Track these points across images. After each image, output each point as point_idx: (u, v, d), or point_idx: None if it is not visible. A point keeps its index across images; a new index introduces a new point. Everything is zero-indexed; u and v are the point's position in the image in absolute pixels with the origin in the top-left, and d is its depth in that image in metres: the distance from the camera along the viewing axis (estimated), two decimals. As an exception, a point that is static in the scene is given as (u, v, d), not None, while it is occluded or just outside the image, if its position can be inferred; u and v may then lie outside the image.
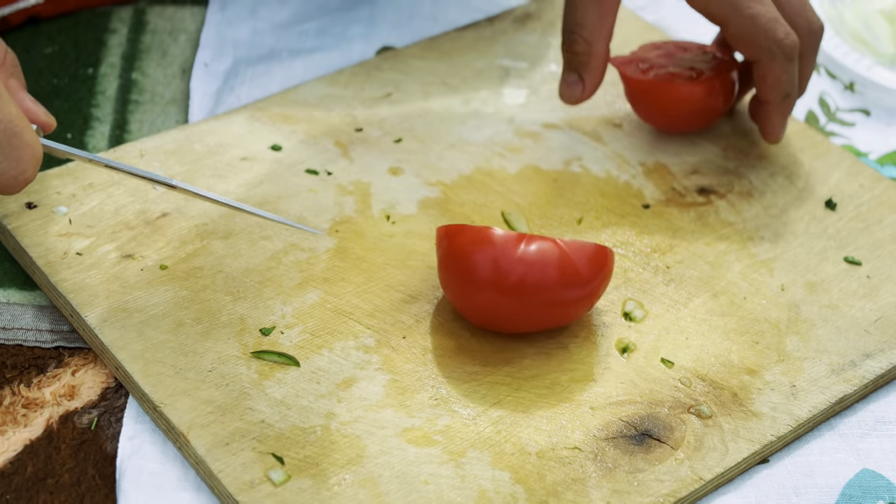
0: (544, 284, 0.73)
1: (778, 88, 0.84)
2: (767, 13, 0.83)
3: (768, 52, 0.83)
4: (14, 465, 0.70)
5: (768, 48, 0.83)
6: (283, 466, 0.68)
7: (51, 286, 0.76)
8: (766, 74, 0.84)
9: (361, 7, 1.03)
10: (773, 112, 0.86)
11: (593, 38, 0.84)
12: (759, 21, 0.82)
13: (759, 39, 0.83)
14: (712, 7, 0.84)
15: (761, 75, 0.85)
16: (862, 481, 0.72)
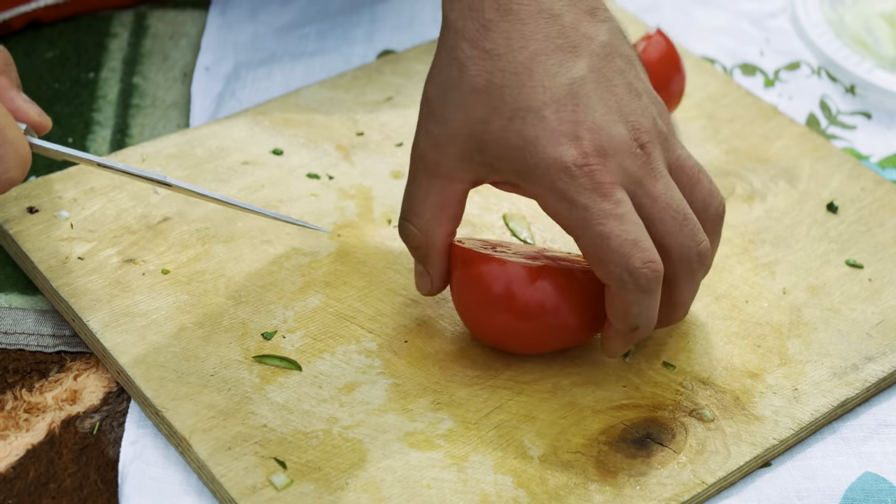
0: (561, 316, 0.72)
1: (625, 319, 0.69)
2: (624, 234, 0.67)
3: (618, 280, 0.67)
4: (16, 470, 0.70)
5: (619, 276, 0.67)
6: (285, 471, 0.68)
7: (52, 291, 0.76)
8: (613, 301, 0.69)
9: (362, 11, 1.03)
10: (615, 337, 0.71)
11: (429, 229, 0.72)
12: (610, 242, 0.67)
13: (608, 263, 0.67)
14: (560, 218, 0.68)
15: (610, 300, 0.69)
16: (864, 485, 0.72)
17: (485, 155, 0.69)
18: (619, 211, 0.67)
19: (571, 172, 0.67)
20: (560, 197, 0.67)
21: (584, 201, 0.67)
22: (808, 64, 1.03)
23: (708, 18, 1.07)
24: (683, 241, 0.70)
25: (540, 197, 0.69)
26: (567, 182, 0.67)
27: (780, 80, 1.01)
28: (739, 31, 1.06)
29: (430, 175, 0.71)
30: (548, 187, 0.68)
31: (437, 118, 0.70)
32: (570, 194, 0.67)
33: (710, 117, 0.94)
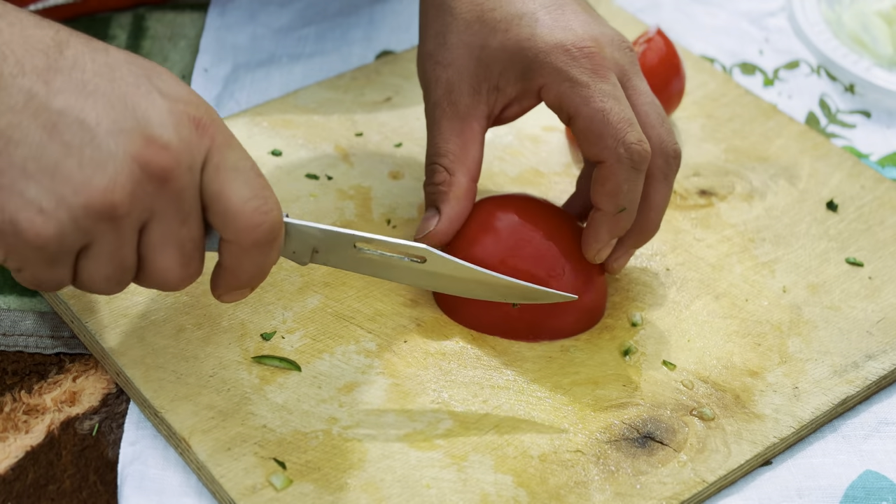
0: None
1: (615, 197, 0.73)
2: (621, 112, 0.72)
3: (614, 153, 0.72)
4: (15, 472, 0.70)
5: (614, 149, 0.72)
6: (284, 471, 0.68)
7: (51, 293, 0.76)
8: (606, 179, 0.73)
9: (361, 12, 1.03)
10: (602, 223, 0.74)
11: (455, 168, 0.76)
12: (609, 117, 0.72)
13: (607, 137, 0.72)
14: (563, 98, 0.73)
15: (601, 179, 0.73)
16: (865, 483, 0.72)
17: (490, 79, 0.75)
18: (616, 93, 0.73)
19: (572, 53, 0.73)
20: (563, 77, 0.73)
21: (584, 79, 0.73)
22: (808, 63, 1.03)
23: (707, 18, 1.07)
24: (663, 135, 0.75)
25: (544, 87, 0.74)
26: (568, 62, 0.73)
27: (779, 79, 1.01)
28: (739, 30, 1.06)
29: (450, 118, 0.76)
30: (550, 71, 0.73)
31: (443, 64, 0.76)
32: (571, 73, 0.73)
33: (709, 116, 0.94)
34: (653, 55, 0.90)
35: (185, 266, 0.65)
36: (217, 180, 0.63)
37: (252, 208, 0.64)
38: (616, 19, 1.02)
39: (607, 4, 1.04)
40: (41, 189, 0.60)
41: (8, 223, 0.60)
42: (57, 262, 0.62)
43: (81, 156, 0.60)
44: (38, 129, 0.60)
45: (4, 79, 0.60)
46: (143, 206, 0.62)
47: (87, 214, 0.60)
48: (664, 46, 0.91)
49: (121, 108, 0.61)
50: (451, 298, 0.77)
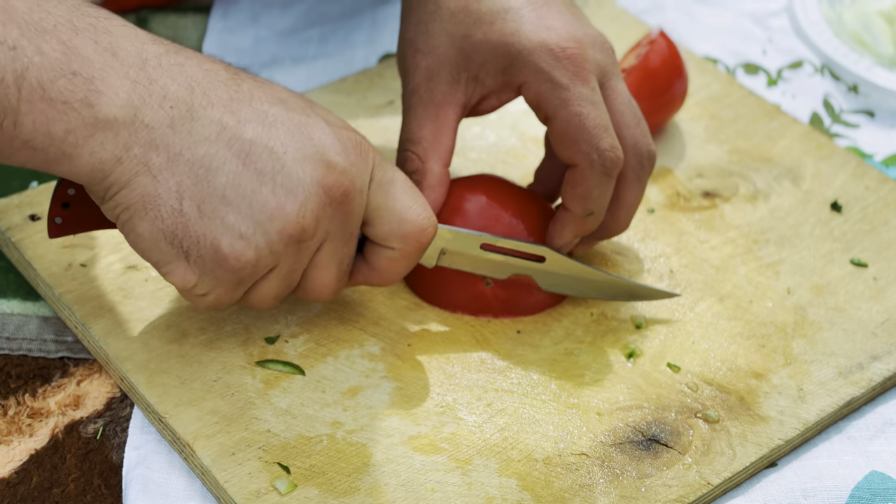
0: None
1: (584, 200, 0.75)
2: (597, 117, 0.73)
3: (587, 158, 0.73)
4: (20, 475, 0.70)
5: (588, 154, 0.73)
6: (289, 476, 0.68)
7: (55, 298, 0.76)
8: (577, 182, 0.74)
9: (363, 14, 1.03)
10: (568, 222, 0.76)
11: (427, 156, 0.76)
12: (585, 122, 0.73)
13: (581, 142, 0.73)
14: (542, 98, 0.74)
15: (572, 181, 0.74)
16: (871, 483, 0.72)
17: (471, 69, 0.75)
18: (595, 98, 0.74)
19: (555, 54, 0.73)
20: (544, 78, 0.74)
21: (565, 82, 0.73)
22: (811, 63, 1.02)
23: (710, 18, 1.07)
24: (638, 136, 0.76)
25: (524, 84, 0.74)
26: (550, 63, 0.73)
27: (782, 80, 1.01)
28: (742, 30, 1.05)
29: (425, 104, 0.76)
30: (532, 70, 0.74)
31: (424, 51, 0.76)
32: (553, 75, 0.73)
33: (712, 117, 0.94)
34: (656, 57, 0.90)
35: (340, 281, 0.70)
36: (381, 193, 0.69)
37: (416, 214, 0.69)
38: (619, 21, 1.02)
39: (610, 6, 1.04)
40: (240, 216, 0.64)
41: (210, 249, 0.64)
42: (242, 285, 0.67)
43: (274, 183, 0.65)
44: (234, 158, 0.64)
45: (196, 111, 0.64)
46: (323, 229, 0.67)
47: (281, 239, 0.65)
48: (667, 48, 0.90)
49: (300, 136, 0.66)
50: (424, 280, 0.77)
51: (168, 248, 0.65)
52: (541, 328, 0.78)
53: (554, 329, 0.78)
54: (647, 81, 0.89)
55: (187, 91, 0.64)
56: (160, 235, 0.64)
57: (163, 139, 0.63)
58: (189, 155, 0.64)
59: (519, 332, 0.77)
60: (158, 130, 0.63)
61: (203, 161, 0.64)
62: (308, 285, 0.69)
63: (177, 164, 0.64)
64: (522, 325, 0.78)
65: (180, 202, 0.64)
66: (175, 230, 0.64)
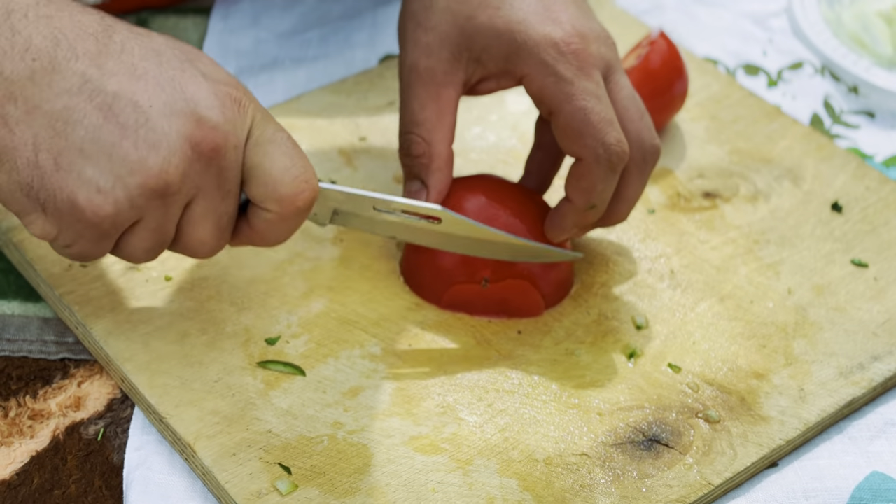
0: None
1: (588, 194, 0.74)
2: (602, 112, 0.73)
3: (593, 153, 0.73)
4: (20, 477, 0.70)
5: (594, 148, 0.73)
6: (290, 476, 0.68)
7: (56, 299, 0.76)
8: (582, 175, 0.74)
9: (364, 15, 1.03)
10: (570, 214, 0.76)
11: (432, 138, 0.76)
12: (590, 116, 0.73)
13: (587, 136, 0.73)
14: (546, 92, 0.74)
15: (577, 175, 0.74)
16: (872, 484, 0.72)
17: (473, 49, 0.75)
18: (599, 92, 0.74)
19: (559, 48, 0.73)
20: (548, 72, 0.73)
21: (569, 76, 0.73)
22: (811, 64, 1.02)
23: (710, 19, 1.07)
24: (642, 131, 0.75)
25: (527, 76, 0.74)
26: (555, 57, 0.73)
27: (783, 80, 1.01)
28: (742, 31, 1.06)
29: (426, 83, 0.75)
30: (536, 63, 0.74)
31: (425, 27, 0.76)
32: (557, 69, 0.73)
33: (713, 118, 0.94)
34: (656, 57, 0.90)
35: (220, 238, 0.68)
36: (258, 153, 0.67)
37: (292, 176, 0.67)
38: (619, 21, 1.02)
39: (611, 7, 1.04)
40: (98, 169, 0.63)
41: (66, 202, 0.63)
42: (106, 238, 0.65)
43: (136, 136, 0.63)
44: (95, 110, 0.63)
45: (59, 62, 0.63)
46: (192, 184, 0.65)
47: (142, 193, 0.64)
48: (667, 49, 0.90)
49: (170, 90, 0.64)
50: (420, 277, 0.78)
51: (25, 200, 0.64)
52: (541, 328, 0.78)
53: (555, 329, 0.78)
54: (648, 82, 0.89)
55: (52, 43, 0.63)
56: (16, 187, 0.64)
57: (21, 91, 0.63)
58: (48, 107, 0.63)
59: (520, 332, 0.77)
60: (18, 83, 0.62)
61: (62, 114, 0.63)
62: (184, 241, 0.68)
63: (34, 117, 0.63)
64: (523, 326, 0.78)
65: (36, 154, 0.63)
66: (31, 182, 0.63)
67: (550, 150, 0.80)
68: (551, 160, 0.81)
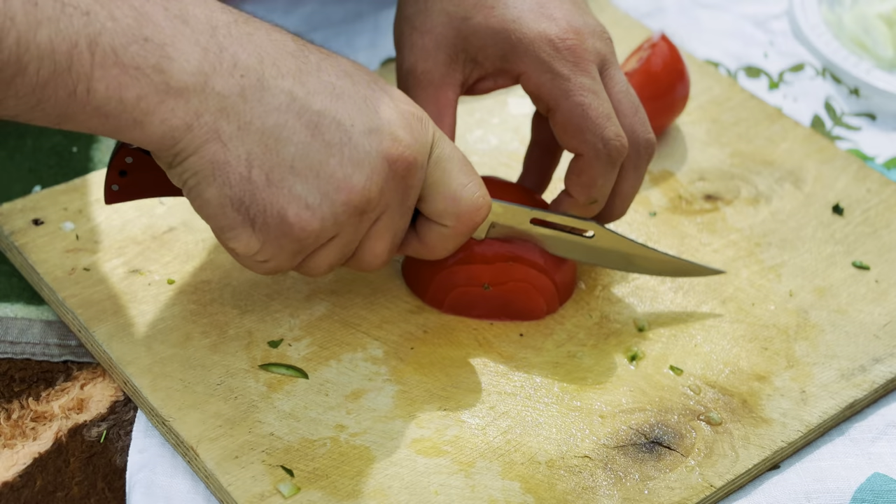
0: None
1: (589, 189, 0.75)
2: (600, 107, 0.73)
3: (592, 148, 0.74)
4: (23, 479, 0.70)
5: (593, 144, 0.73)
6: (292, 479, 0.68)
7: (59, 302, 0.76)
8: (582, 171, 0.75)
9: (366, 19, 1.04)
10: (570, 208, 0.77)
11: None
12: (588, 112, 0.73)
13: (586, 132, 0.73)
14: (543, 89, 0.74)
15: (577, 170, 0.75)
16: (873, 485, 0.72)
17: (469, 50, 0.75)
18: (596, 87, 0.74)
19: (555, 45, 0.74)
20: (544, 69, 0.74)
21: (566, 72, 0.74)
22: (813, 66, 1.03)
23: (711, 22, 1.07)
24: (636, 126, 0.76)
25: (524, 74, 0.75)
26: (551, 54, 0.74)
27: (784, 83, 1.01)
28: (743, 33, 1.06)
29: (424, 86, 0.76)
30: (532, 60, 0.74)
31: (421, 30, 0.76)
32: (553, 66, 0.74)
33: (714, 121, 0.94)
34: (657, 60, 0.90)
35: (392, 252, 0.71)
36: (438, 170, 0.69)
37: (470, 193, 0.70)
38: (620, 24, 1.02)
39: (612, 10, 1.04)
40: (307, 186, 0.65)
41: (276, 217, 0.65)
42: (303, 253, 0.67)
43: (342, 155, 0.65)
44: (303, 128, 0.65)
45: (266, 80, 0.64)
46: (385, 202, 0.67)
47: (346, 210, 0.66)
48: (668, 51, 0.91)
49: (366, 109, 0.66)
50: (423, 281, 0.78)
51: (234, 215, 0.65)
52: (543, 331, 0.78)
53: (556, 332, 0.78)
54: (649, 85, 0.89)
55: (257, 60, 0.64)
56: (227, 202, 0.65)
57: (233, 107, 0.64)
58: (259, 124, 0.64)
59: (521, 335, 0.77)
60: (229, 99, 0.64)
61: (273, 131, 0.64)
62: (361, 255, 0.70)
63: (247, 133, 0.64)
64: (525, 328, 0.78)
65: (249, 170, 0.64)
66: (242, 197, 0.65)
67: (548, 146, 0.80)
68: (549, 156, 0.81)
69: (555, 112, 0.74)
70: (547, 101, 0.74)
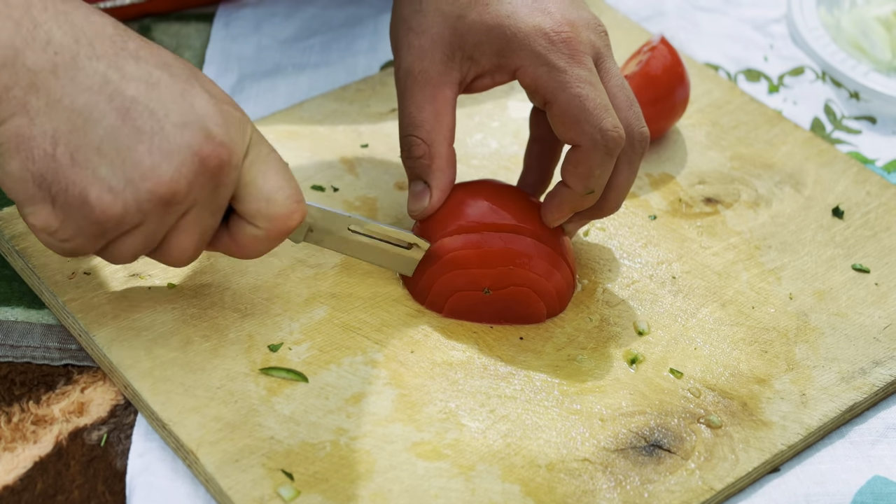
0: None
1: (586, 180, 0.75)
2: (597, 98, 0.73)
3: (590, 139, 0.73)
4: (24, 482, 0.70)
5: (591, 135, 0.73)
6: (292, 482, 0.68)
7: (59, 306, 0.77)
8: (579, 162, 0.74)
9: (366, 22, 1.04)
10: (567, 199, 0.76)
11: (432, 139, 0.76)
12: (586, 103, 0.73)
13: (583, 123, 0.73)
14: (540, 82, 0.74)
15: (574, 161, 0.75)
16: (873, 488, 0.72)
17: (465, 48, 0.76)
18: (592, 78, 0.74)
19: (550, 38, 0.74)
20: (540, 62, 0.74)
21: (562, 65, 0.74)
22: (812, 69, 1.03)
23: (711, 25, 1.07)
24: (630, 119, 0.76)
25: (520, 69, 0.75)
26: (546, 47, 0.74)
27: (784, 86, 1.01)
28: (743, 37, 1.06)
29: (422, 86, 0.76)
30: (528, 54, 0.74)
31: (417, 30, 0.76)
32: (549, 58, 0.74)
33: (714, 124, 0.94)
34: (657, 63, 0.90)
35: (199, 248, 0.70)
36: (253, 171, 0.68)
37: (285, 196, 0.69)
38: (620, 28, 1.02)
39: (612, 13, 1.04)
40: (112, 169, 0.64)
41: (77, 197, 0.64)
42: (104, 237, 0.66)
43: (151, 143, 0.65)
44: (114, 112, 0.64)
45: (80, 60, 0.64)
46: (193, 196, 0.66)
47: (150, 199, 0.65)
48: (668, 55, 0.91)
49: (181, 102, 0.66)
50: (423, 285, 0.78)
51: (35, 190, 0.65)
52: (543, 334, 0.78)
53: (556, 335, 0.78)
54: (649, 88, 0.89)
55: (73, 40, 0.64)
56: (29, 176, 0.64)
57: (44, 83, 0.63)
58: (69, 102, 0.64)
59: (521, 338, 0.77)
60: (40, 74, 0.63)
61: (83, 111, 0.64)
62: (168, 248, 0.69)
63: (55, 110, 0.64)
64: (525, 332, 0.78)
65: (54, 147, 0.64)
66: (45, 173, 0.64)
67: (547, 141, 0.81)
68: (549, 152, 0.81)
69: (552, 104, 0.74)
70: (544, 93, 0.74)
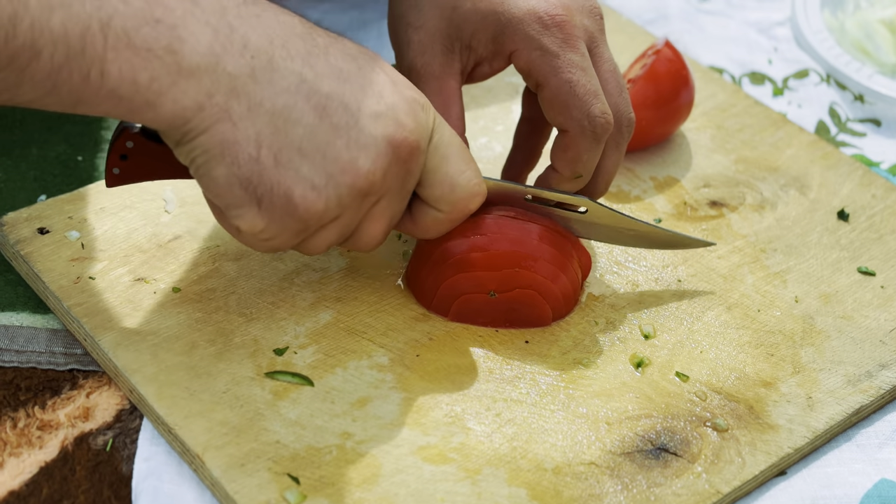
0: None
1: (574, 164, 0.76)
2: (588, 84, 0.74)
3: (578, 125, 0.74)
4: (29, 487, 0.70)
5: (579, 120, 0.74)
6: (298, 486, 0.68)
7: (64, 310, 0.77)
8: (568, 147, 0.75)
9: (370, 27, 1.04)
10: (556, 183, 0.78)
11: None
12: (576, 89, 0.74)
13: (573, 108, 0.74)
14: (533, 66, 0.75)
15: (563, 146, 0.76)
16: (880, 491, 0.72)
17: (462, 38, 0.76)
18: (584, 64, 0.75)
19: (544, 21, 0.75)
20: (534, 46, 0.75)
21: (555, 49, 0.74)
22: (817, 72, 1.03)
23: (715, 29, 1.07)
24: (620, 104, 0.77)
25: (515, 52, 0.75)
26: (540, 31, 0.75)
27: (788, 89, 1.01)
28: (747, 40, 1.06)
29: (426, 80, 0.77)
30: (522, 38, 0.75)
31: (415, 25, 0.77)
32: (543, 42, 0.74)
33: (719, 127, 0.94)
34: (662, 67, 0.90)
35: (386, 235, 0.72)
36: (437, 157, 0.70)
37: (467, 180, 0.71)
38: (625, 31, 1.02)
39: (616, 17, 1.04)
40: (314, 167, 0.66)
41: (282, 197, 0.66)
42: (306, 232, 0.68)
43: (348, 138, 0.66)
44: (311, 110, 0.66)
45: (276, 61, 0.65)
46: (387, 186, 0.68)
47: (350, 192, 0.67)
48: (673, 58, 0.91)
49: (371, 93, 0.67)
50: (428, 289, 0.78)
51: (241, 194, 0.66)
52: (549, 338, 0.78)
53: (562, 339, 0.78)
54: (654, 91, 0.89)
55: (267, 42, 0.65)
56: (235, 181, 0.66)
57: (244, 88, 0.64)
58: (269, 105, 0.65)
59: (527, 342, 0.77)
60: (240, 79, 0.64)
61: (283, 112, 0.65)
62: (359, 236, 0.71)
63: (257, 114, 0.65)
64: (530, 336, 0.78)
65: (258, 150, 0.65)
66: (250, 177, 0.65)
67: (537, 122, 0.81)
68: (539, 132, 0.82)
69: (543, 88, 0.75)
70: (536, 77, 0.75)
